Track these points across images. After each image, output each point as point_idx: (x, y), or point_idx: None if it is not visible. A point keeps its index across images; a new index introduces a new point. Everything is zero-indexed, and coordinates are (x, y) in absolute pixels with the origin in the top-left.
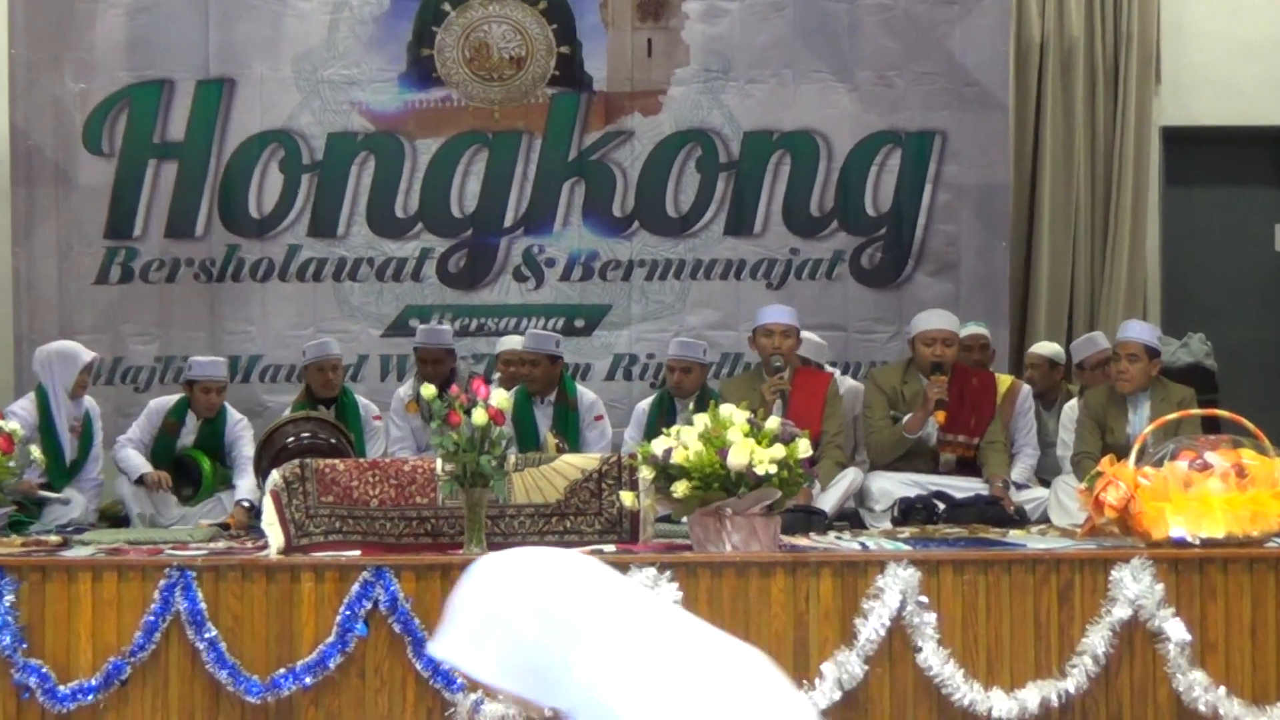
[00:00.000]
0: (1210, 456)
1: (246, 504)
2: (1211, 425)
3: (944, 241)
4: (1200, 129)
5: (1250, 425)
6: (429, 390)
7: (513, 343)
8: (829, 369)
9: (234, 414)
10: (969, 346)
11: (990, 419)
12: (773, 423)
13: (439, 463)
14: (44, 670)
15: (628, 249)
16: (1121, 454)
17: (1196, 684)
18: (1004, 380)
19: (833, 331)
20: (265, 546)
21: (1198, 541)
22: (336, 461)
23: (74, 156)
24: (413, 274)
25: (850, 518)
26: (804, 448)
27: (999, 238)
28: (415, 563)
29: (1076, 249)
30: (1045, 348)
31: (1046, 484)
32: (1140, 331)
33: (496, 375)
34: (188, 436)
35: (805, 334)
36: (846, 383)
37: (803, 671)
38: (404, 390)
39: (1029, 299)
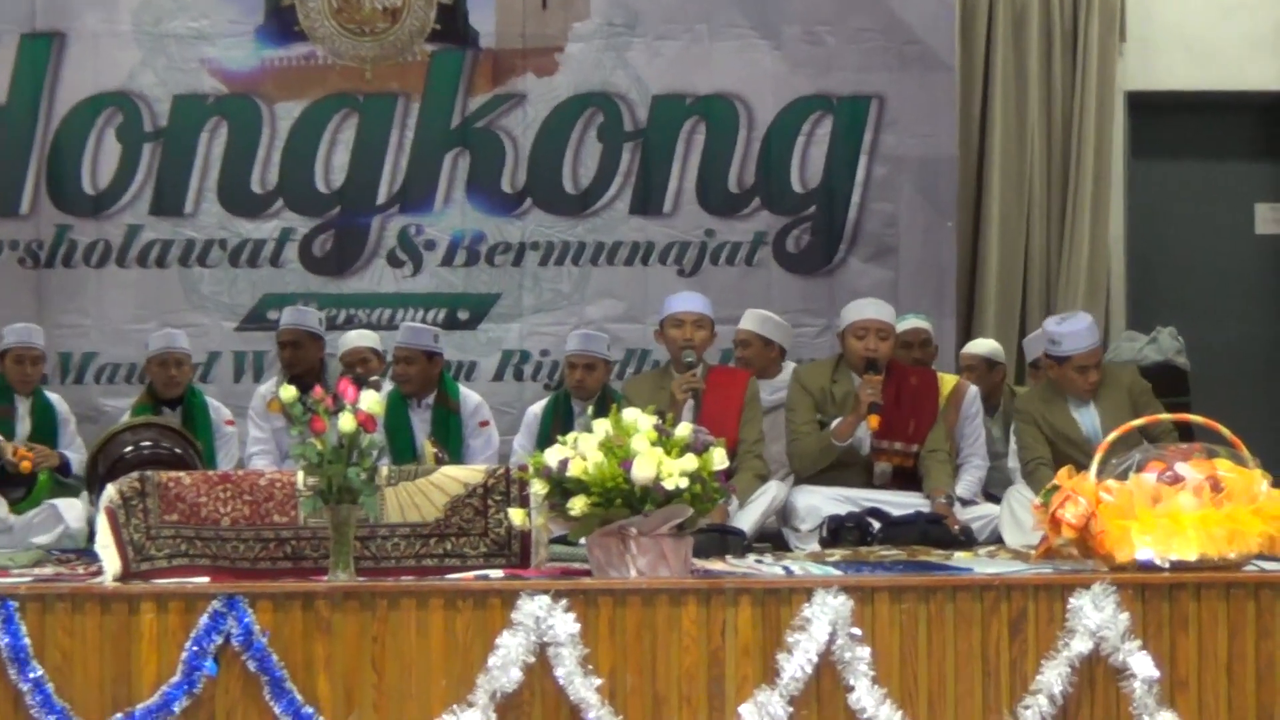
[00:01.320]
0: (1181, 468)
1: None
2: (1184, 432)
3: (881, 222)
4: (1170, 94)
5: (1226, 432)
6: (289, 392)
7: (363, 340)
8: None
9: (52, 395)
10: (908, 342)
11: (932, 424)
12: (684, 429)
13: (300, 476)
14: None
15: (519, 230)
16: (1072, 459)
17: None
18: (948, 380)
19: None
20: (99, 572)
21: (1167, 565)
22: (182, 474)
23: None
24: (271, 258)
25: (772, 538)
26: (719, 458)
27: (944, 218)
28: (273, 590)
29: (1031, 231)
30: (981, 345)
31: (996, 500)
32: (1095, 335)
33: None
34: (22, 423)
35: (765, 313)
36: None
37: (718, 714)
38: (266, 388)
39: (977, 288)
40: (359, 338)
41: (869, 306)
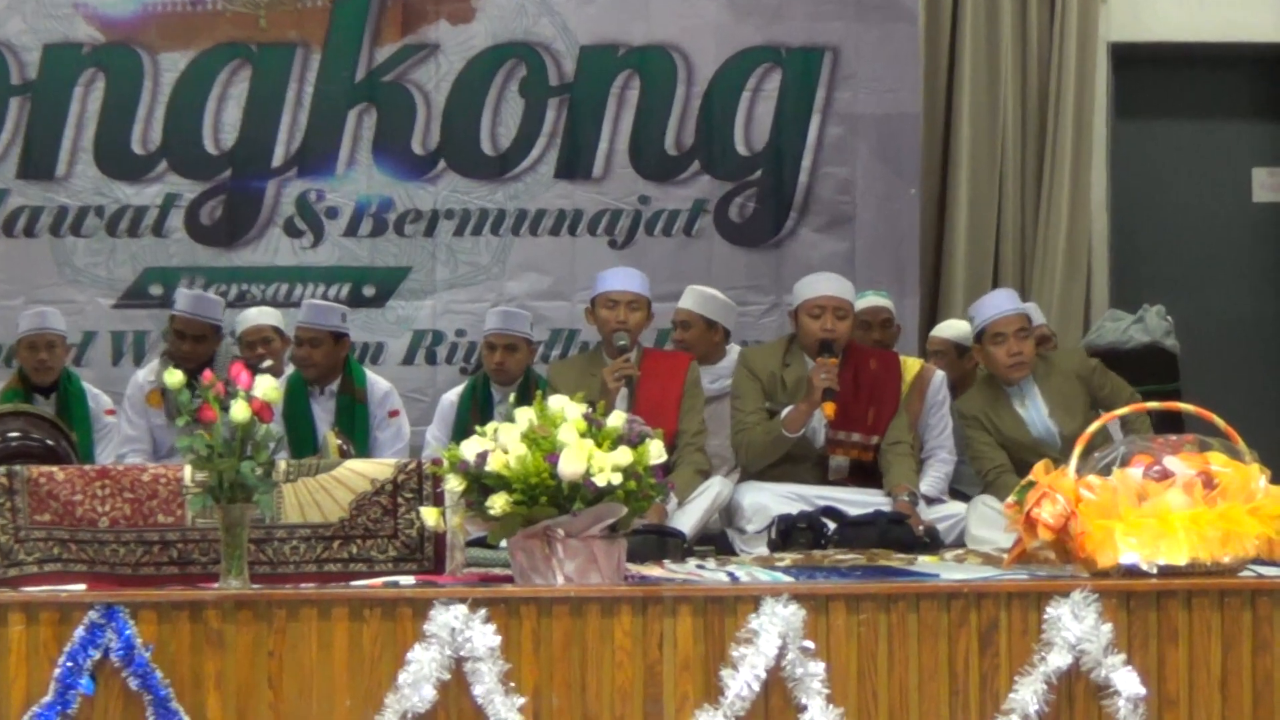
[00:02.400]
0: (1170, 462)
1: None
2: (1172, 422)
3: (835, 188)
4: (1159, 46)
5: (1220, 422)
6: (174, 377)
7: (264, 317)
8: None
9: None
10: (867, 321)
11: (894, 414)
12: (616, 419)
13: (187, 471)
14: None
15: (431, 196)
16: (1022, 462)
17: None
18: (911, 364)
19: None
20: None
21: (1154, 570)
22: (55, 469)
23: None
24: (154, 227)
25: (716, 541)
26: (657, 451)
27: (906, 184)
28: (157, 599)
29: (1003, 199)
30: (951, 328)
31: (964, 498)
32: (1014, 301)
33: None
34: None
35: (707, 290)
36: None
37: None
38: (144, 375)
39: (943, 262)
40: (260, 315)
41: (825, 282)
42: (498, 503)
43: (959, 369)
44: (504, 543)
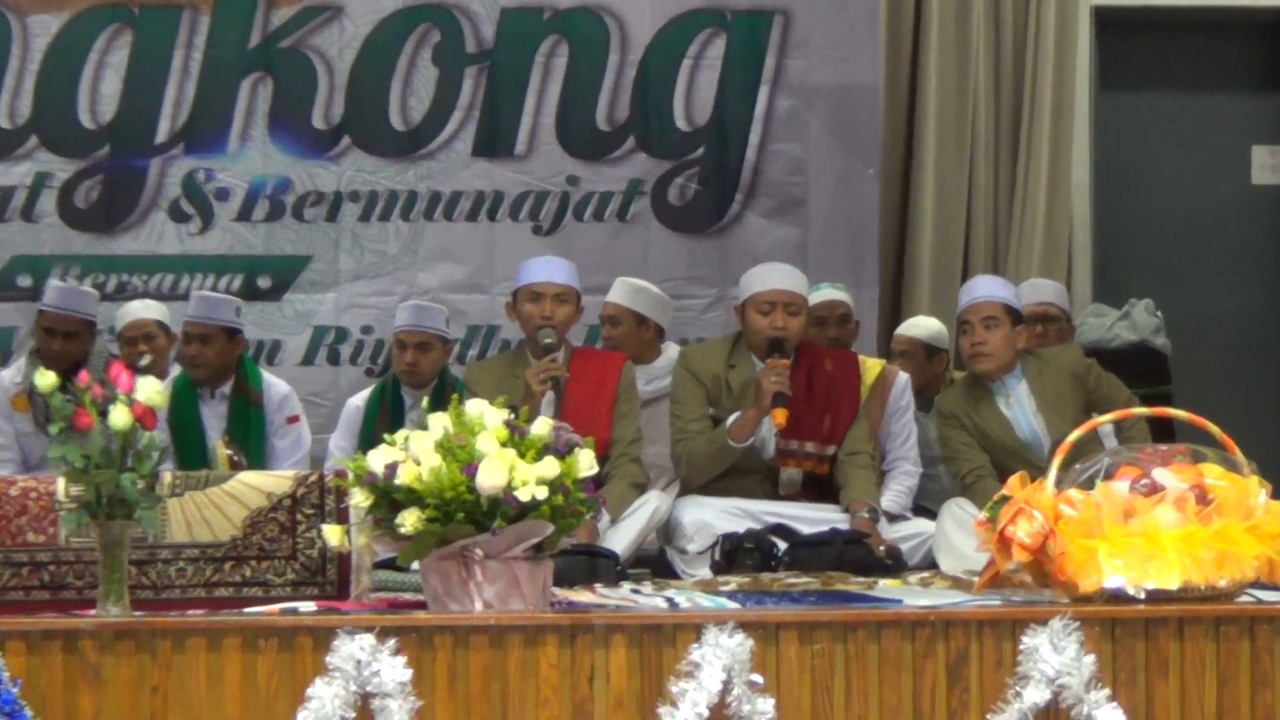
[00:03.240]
0: (1161, 475)
1: None
2: (1163, 431)
3: (786, 168)
4: (1147, 10)
5: (1216, 430)
6: (45, 379)
7: (147, 311)
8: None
9: None
10: (821, 317)
11: (852, 421)
12: (542, 426)
13: (61, 484)
14: None
15: (334, 176)
16: (1010, 471)
17: None
18: (872, 366)
19: None
20: None
21: (1143, 595)
22: None
23: None
24: (23, 211)
25: (653, 562)
26: (587, 462)
27: (864, 163)
28: (26, 627)
29: (974, 180)
30: (920, 326)
31: (930, 514)
32: (993, 288)
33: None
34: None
35: (638, 283)
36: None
37: None
38: (10, 376)
39: (906, 251)
40: (142, 309)
41: (776, 274)
42: (409, 520)
43: (928, 372)
44: (416, 565)
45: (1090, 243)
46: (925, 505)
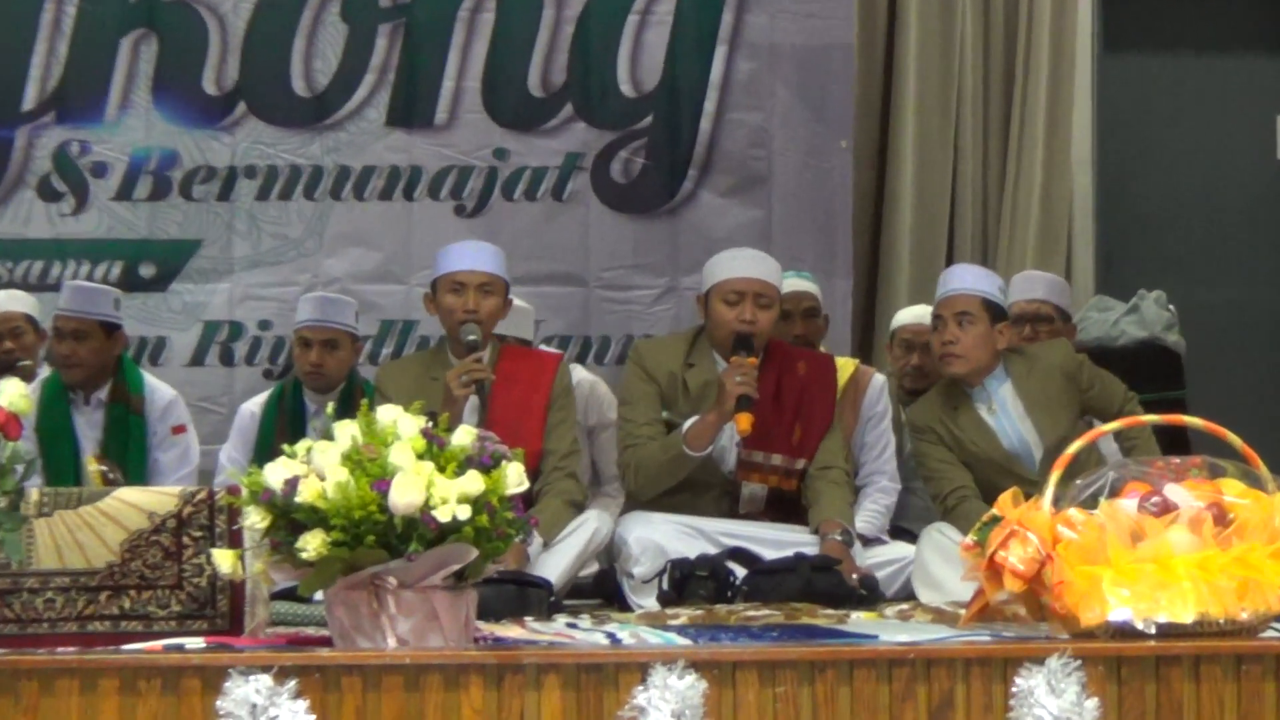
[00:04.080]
0: (1173, 492)
1: None
2: (1176, 441)
3: (747, 139)
4: None
5: (1236, 440)
6: None
7: (13, 302)
8: (546, 350)
9: None
10: (787, 311)
11: (825, 431)
12: (464, 435)
13: None
14: None
15: (227, 149)
16: (995, 487)
17: None
18: (845, 366)
19: (563, 287)
20: None
21: (1153, 629)
22: None
23: None
24: None
25: (593, 590)
26: (516, 477)
27: (835, 134)
28: None
29: (960, 154)
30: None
31: (910, 537)
32: (971, 279)
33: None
34: None
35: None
36: (579, 374)
37: None
38: None
39: (884, 235)
40: (9, 300)
41: (747, 261)
42: (311, 543)
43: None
44: (319, 595)
45: (1093, 226)
46: (905, 526)
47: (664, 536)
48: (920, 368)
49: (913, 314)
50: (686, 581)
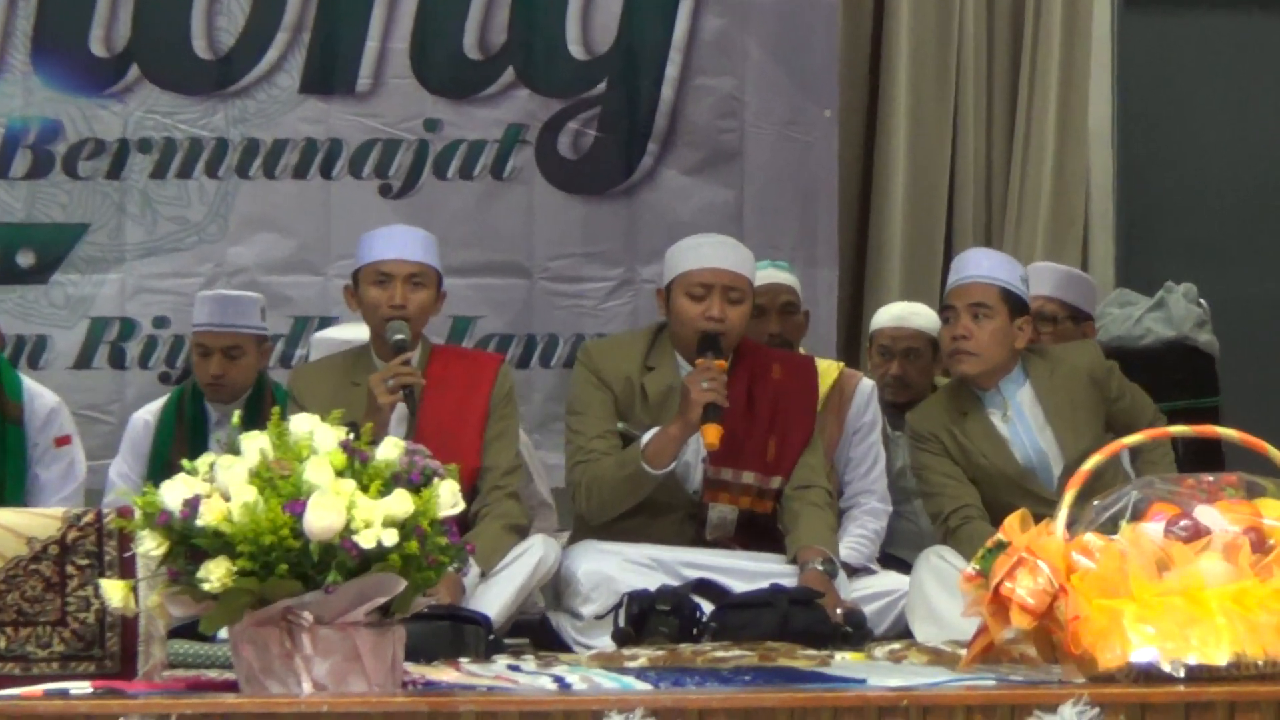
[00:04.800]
0: (1205, 514)
1: None
2: (1208, 455)
3: (715, 109)
4: None
5: (1277, 455)
6: None
7: None
8: (485, 351)
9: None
10: (761, 306)
11: (804, 443)
12: (391, 449)
13: None
14: None
15: (118, 119)
16: (1007, 505)
17: None
18: (828, 370)
19: (504, 278)
20: None
21: (1181, 672)
22: None
23: None
24: None
25: (538, 629)
26: (449, 497)
27: (818, 102)
28: None
29: (960, 125)
30: (919, 314)
31: (904, 566)
32: (990, 265)
33: None
34: None
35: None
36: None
37: None
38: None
39: (873, 219)
40: None
41: (715, 249)
42: (215, 573)
43: (929, 374)
44: (224, 633)
45: (1113, 209)
46: (897, 554)
47: (618, 569)
48: (901, 377)
49: (892, 315)
50: (646, 617)
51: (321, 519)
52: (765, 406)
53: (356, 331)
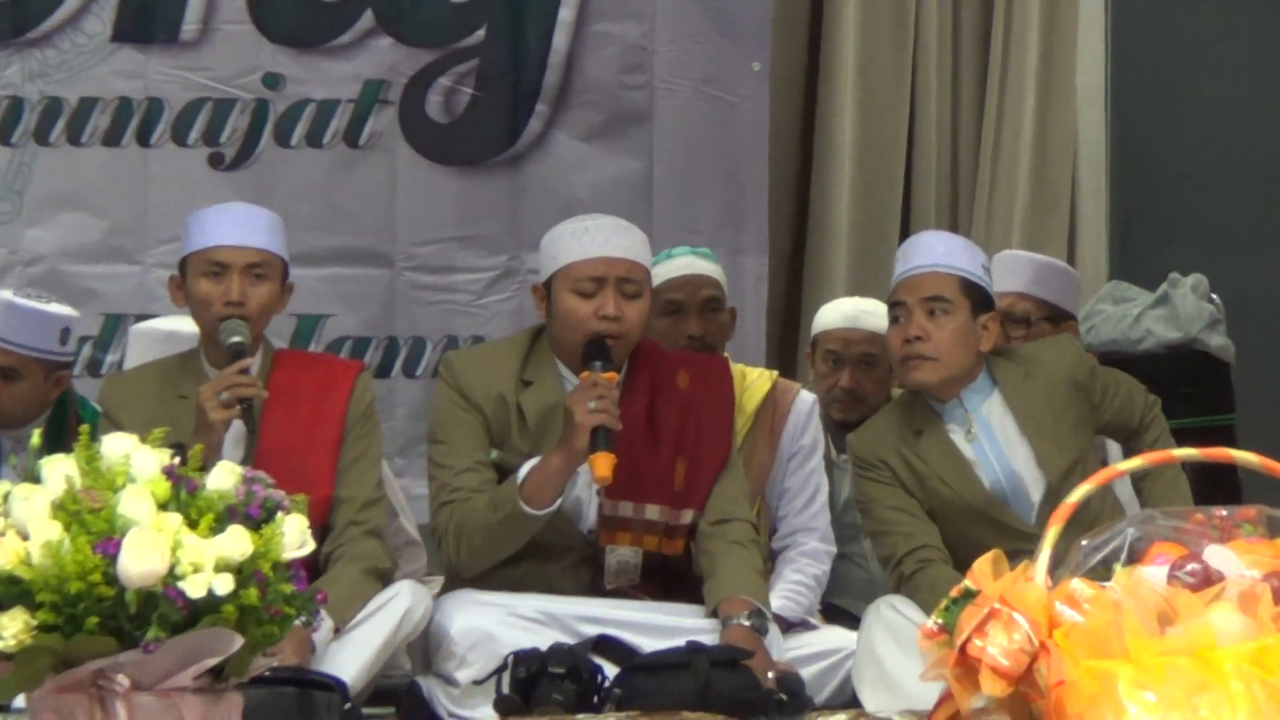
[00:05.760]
0: (1217, 556)
1: None
2: (1221, 482)
3: (619, 62)
4: None
5: None
6: None
7: None
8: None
9: None
10: (677, 303)
11: (720, 465)
12: (225, 477)
13: None
14: None
15: None
16: (976, 543)
17: None
18: (758, 381)
19: (360, 268)
20: None
21: None
22: None
23: None
24: None
25: (404, 696)
26: (296, 535)
27: (745, 54)
28: None
29: (920, 83)
30: (875, 313)
31: (851, 619)
32: (945, 251)
33: None
34: None
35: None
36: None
37: None
38: None
39: (814, 197)
40: None
41: (604, 232)
42: (10, 628)
43: (882, 387)
44: (21, 700)
45: (1106, 185)
46: (842, 605)
47: (501, 624)
48: (853, 390)
49: (841, 314)
50: (536, 682)
51: (140, 562)
52: (670, 423)
53: (185, 322)
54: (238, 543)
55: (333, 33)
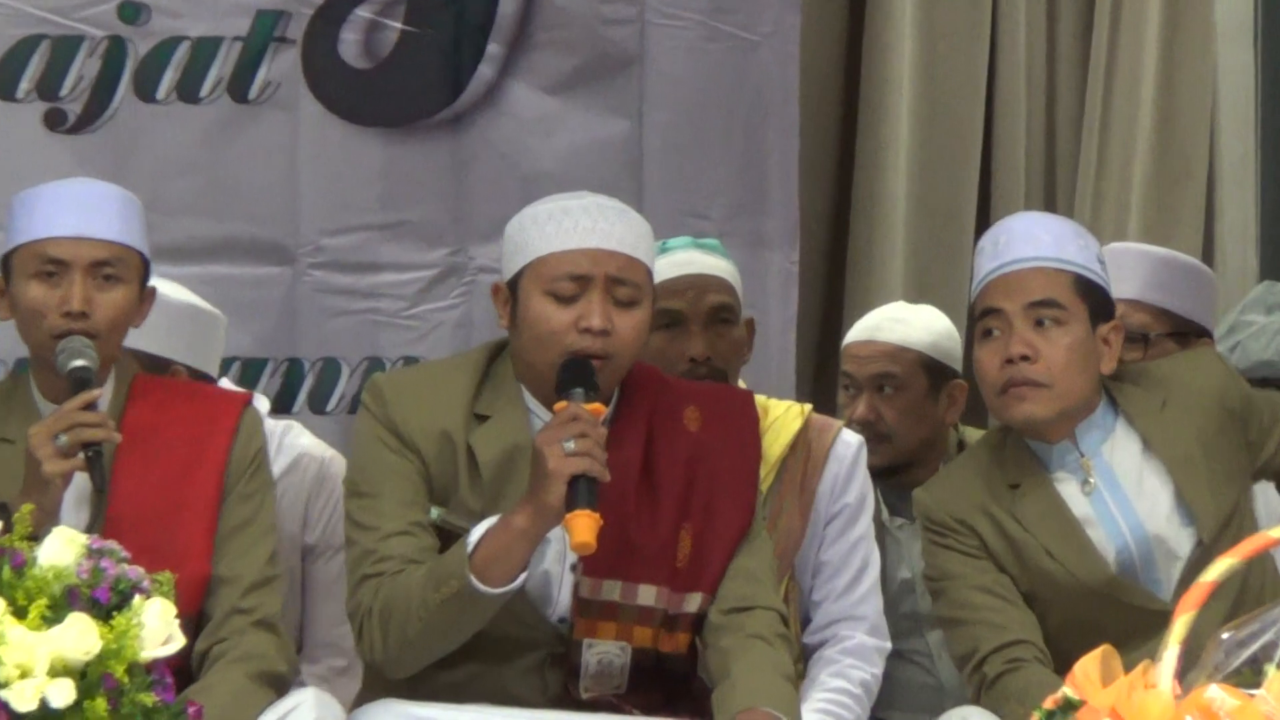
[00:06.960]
0: None
1: None
2: None
3: None
4: None
5: None
6: None
7: None
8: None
9: None
10: (675, 312)
11: (740, 536)
12: (65, 547)
13: None
14: None
15: None
16: (1098, 629)
17: None
18: (785, 417)
19: (252, 266)
20: None
21: None
22: None
23: None
24: None
25: None
26: (160, 625)
27: None
28: None
29: (1000, 27)
30: (914, 324)
31: None
32: (1049, 241)
33: None
34: None
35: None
36: (297, 440)
37: None
38: None
39: (858, 172)
40: None
41: (589, 216)
42: None
43: (930, 423)
44: None
45: (1255, 157)
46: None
47: None
48: (870, 424)
49: (862, 324)
50: None
51: None
52: (674, 477)
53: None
54: (80, 637)
55: None
